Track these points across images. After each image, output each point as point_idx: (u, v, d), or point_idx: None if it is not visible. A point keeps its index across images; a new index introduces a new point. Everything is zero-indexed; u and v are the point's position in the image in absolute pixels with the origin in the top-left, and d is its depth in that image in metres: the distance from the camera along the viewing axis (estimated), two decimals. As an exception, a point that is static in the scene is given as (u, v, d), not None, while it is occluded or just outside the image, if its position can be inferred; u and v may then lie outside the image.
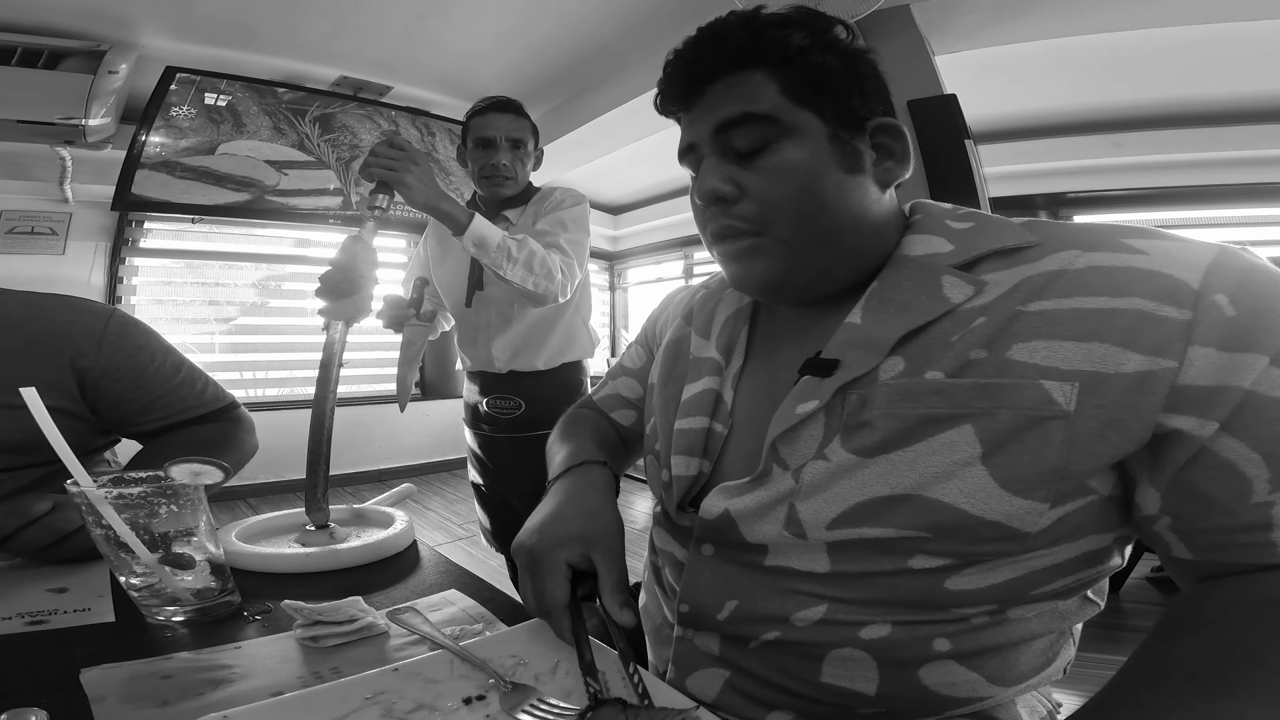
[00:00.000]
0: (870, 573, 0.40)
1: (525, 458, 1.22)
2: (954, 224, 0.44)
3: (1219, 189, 2.75)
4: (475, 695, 0.37)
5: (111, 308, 0.78)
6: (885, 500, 0.38)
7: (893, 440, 0.38)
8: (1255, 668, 0.28)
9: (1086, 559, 0.39)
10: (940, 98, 1.82)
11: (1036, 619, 0.41)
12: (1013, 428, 0.36)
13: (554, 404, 1.21)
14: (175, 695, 0.38)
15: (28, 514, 0.57)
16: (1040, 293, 0.37)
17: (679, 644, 0.48)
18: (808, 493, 0.41)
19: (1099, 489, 0.37)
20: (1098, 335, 0.35)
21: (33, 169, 2.60)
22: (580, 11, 2.25)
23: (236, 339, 3.39)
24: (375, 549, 0.66)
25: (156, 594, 0.50)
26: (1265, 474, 0.31)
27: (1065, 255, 0.38)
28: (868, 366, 0.40)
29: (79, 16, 2.12)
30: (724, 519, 0.44)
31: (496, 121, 1.21)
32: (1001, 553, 0.38)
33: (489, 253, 1.03)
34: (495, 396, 1.28)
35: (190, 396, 0.80)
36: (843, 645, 0.41)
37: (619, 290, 5.21)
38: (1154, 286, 0.35)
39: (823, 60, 0.42)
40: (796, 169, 0.42)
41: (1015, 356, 0.37)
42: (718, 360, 0.52)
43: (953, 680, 0.40)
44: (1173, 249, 0.36)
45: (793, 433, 0.42)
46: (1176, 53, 2.17)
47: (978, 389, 0.37)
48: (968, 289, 0.40)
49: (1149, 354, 0.34)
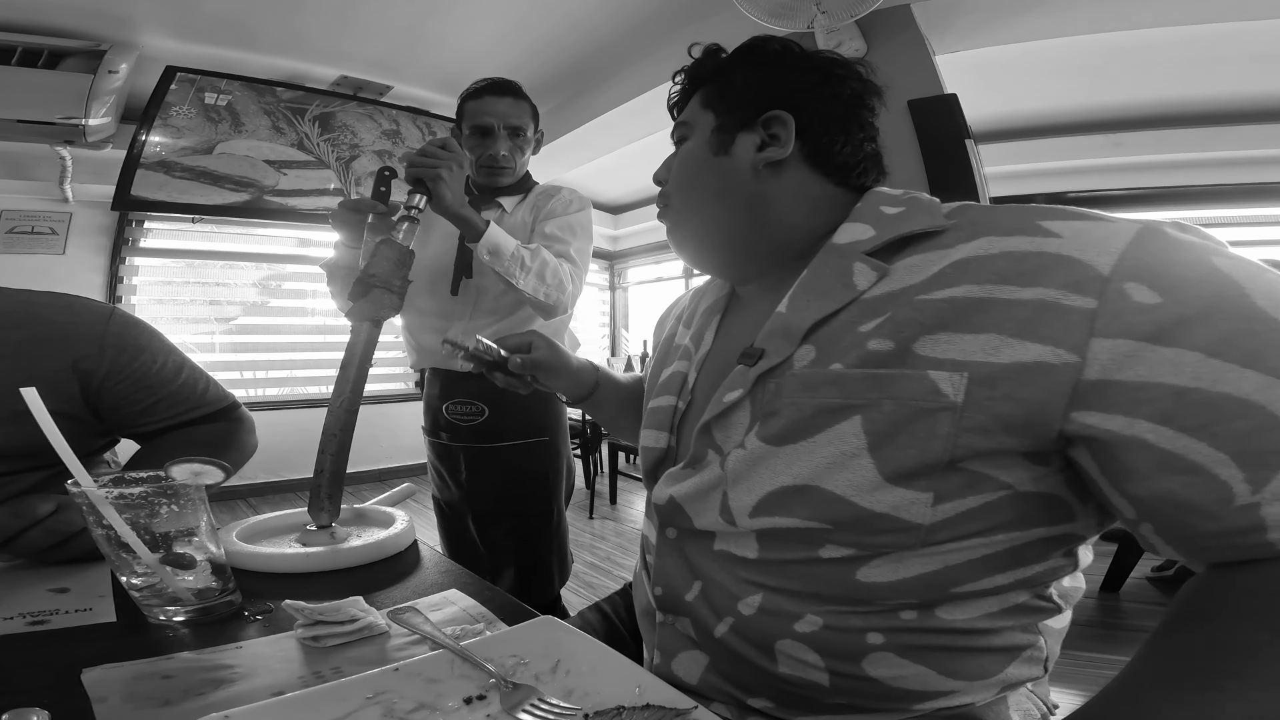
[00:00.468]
0: (790, 560, 0.41)
1: (483, 474, 1.12)
2: (887, 209, 0.45)
3: (1220, 188, 2.75)
4: (476, 695, 0.37)
5: (111, 307, 0.77)
6: (790, 490, 0.40)
7: (795, 430, 0.40)
8: (1247, 659, 0.27)
9: (1017, 555, 0.38)
10: (941, 97, 1.82)
11: (983, 619, 0.39)
12: (898, 419, 0.36)
13: (522, 412, 1.11)
14: (177, 695, 0.39)
15: (31, 516, 0.57)
16: (949, 282, 0.37)
17: (661, 629, 0.50)
18: (733, 480, 0.43)
19: (1012, 484, 0.36)
20: (996, 326, 0.34)
21: (33, 169, 2.60)
22: (581, 11, 2.25)
23: (237, 339, 3.39)
24: (376, 549, 0.66)
25: (158, 594, 0.50)
26: (1239, 474, 0.29)
27: (980, 242, 0.37)
28: (784, 355, 0.42)
29: (79, 16, 2.12)
30: (671, 505, 0.48)
31: (494, 106, 1.11)
32: (900, 545, 0.38)
33: (502, 261, 0.98)
34: (456, 401, 1.13)
35: (193, 397, 0.80)
36: (784, 638, 0.42)
37: (619, 290, 5.21)
38: (1063, 273, 0.33)
39: (732, 73, 0.52)
40: (686, 156, 0.54)
41: (918, 349, 0.36)
42: (689, 347, 0.56)
43: (900, 673, 0.40)
44: (1089, 230, 0.35)
45: (724, 419, 0.45)
46: (1177, 52, 2.17)
47: (869, 380, 0.37)
48: (873, 275, 0.41)
49: (1047, 344, 0.33)
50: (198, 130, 2.67)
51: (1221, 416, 0.29)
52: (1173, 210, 2.87)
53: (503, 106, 1.12)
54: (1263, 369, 0.29)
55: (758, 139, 0.50)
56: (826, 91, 0.49)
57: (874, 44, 1.89)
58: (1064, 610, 0.43)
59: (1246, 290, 0.31)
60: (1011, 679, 0.42)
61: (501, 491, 1.13)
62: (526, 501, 1.14)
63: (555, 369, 0.65)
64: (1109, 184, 2.87)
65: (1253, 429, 0.29)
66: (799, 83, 0.50)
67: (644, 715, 0.34)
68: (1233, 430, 0.29)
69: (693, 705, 0.35)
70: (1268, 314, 0.30)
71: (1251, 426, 0.29)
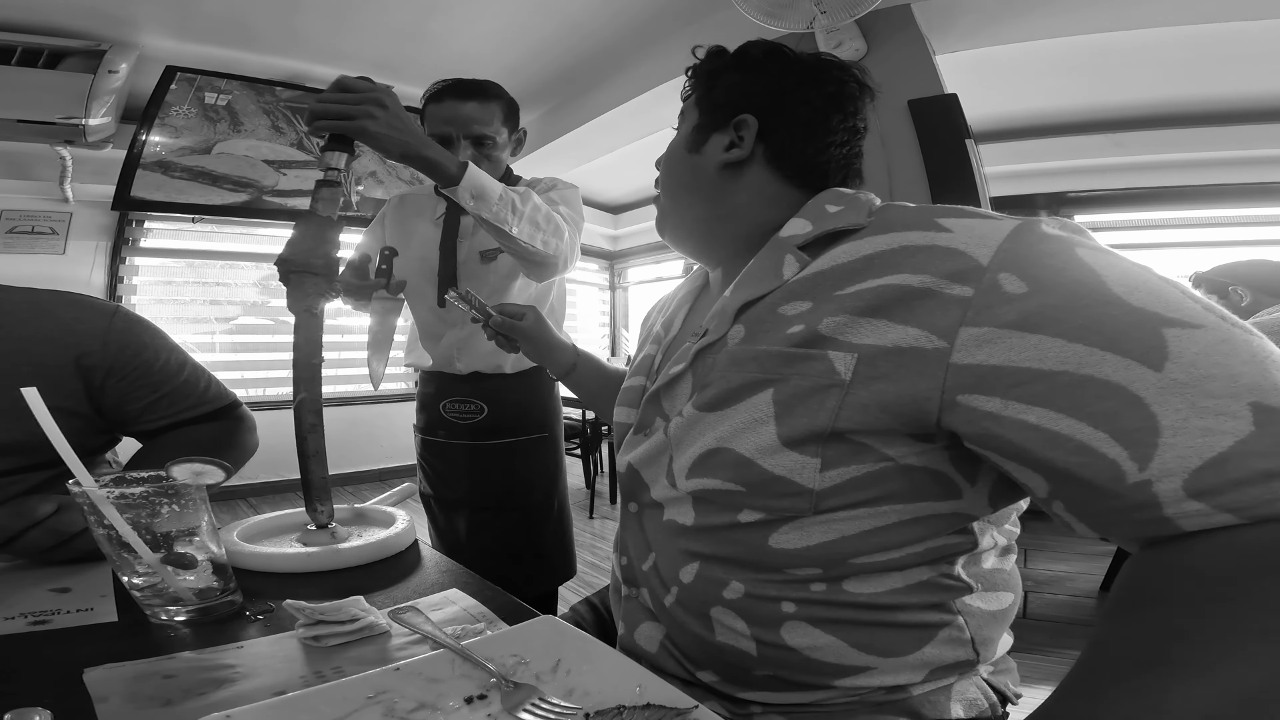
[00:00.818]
0: (717, 526, 0.45)
1: (486, 470, 1.12)
2: (830, 207, 0.49)
3: (1219, 188, 2.75)
4: (477, 694, 0.38)
5: (116, 305, 0.78)
6: (712, 452, 0.44)
7: (722, 399, 0.44)
8: (1177, 644, 0.27)
9: (905, 530, 0.41)
10: (941, 97, 1.82)
11: (887, 594, 0.42)
12: (799, 393, 0.40)
13: (519, 410, 1.11)
14: (178, 695, 0.39)
15: (32, 516, 0.57)
16: (857, 274, 0.41)
17: (626, 601, 0.53)
18: (675, 444, 0.47)
19: (895, 457, 0.39)
20: (886, 312, 0.38)
21: (33, 168, 2.60)
22: (581, 12, 2.25)
23: (237, 338, 3.39)
24: (377, 548, 0.66)
25: (159, 594, 0.50)
26: (1124, 453, 0.30)
27: (886, 238, 0.41)
28: (720, 334, 0.47)
29: (79, 16, 2.12)
30: (630, 472, 0.52)
31: (455, 112, 0.99)
32: (798, 509, 0.41)
33: (490, 205, 0.84)
34: (454, 399, 1.12)
35: (194, 395, 0.80)
36: (716, 604, 0.45)
37: (619, 290, 5.21)
38: (949, 264, 0.36)
39: (719, 77, 0.56)
40: (668, 149, 0.59)
41: (825, 331, 0.40)
42: (659, 331, 0.62)
43: (815, 644, 0.42)
44: (976, 226, 0.38)
45: (669, 389, 0.51)
46: (1177, 52, 2.17)
47: (782, 357, 0.42)
48: (796, 265, 0.45)
49: (922, 329, 0.36)
50: (197, 130, 2.67)
51: (1091, 398, 0.31)
52: (1173, 209, 2.87)
53: (466, 111, 0.99)
54: (1119, 351, 0.31)
55: (727, 140, 0.54)
56: (799, 96, 0.52)
57: (874, 44, 1.89)
58: (976, 590, 0.44)
59: (1103, 278, 0.33)
60: (934, 660, 0.43)
61: (505, 486, 1.13)
62: (531, 495, 1.14)
63: (536, 340, 0.78)
64: (1109, 184, 2.87)
65: (1121, 408, 0.30)
66: (773, 87, 0.53)
67: (645, 715, 0.34)
68: (1104, 410, 0.31)
69: (693, 705, 0.35)
70: (1121, 299, 0.32)
71: (1119, 405, 0.30)
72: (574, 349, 0.81)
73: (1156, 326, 0.31)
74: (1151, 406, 0.30)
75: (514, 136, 1.09)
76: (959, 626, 0.43)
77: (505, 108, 1.06)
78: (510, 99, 1.08)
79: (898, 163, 1.84)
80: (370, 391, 3.69)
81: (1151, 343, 0.31)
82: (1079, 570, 2.07)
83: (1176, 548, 0.30)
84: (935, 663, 0.43)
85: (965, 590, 0.44)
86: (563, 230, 0.95)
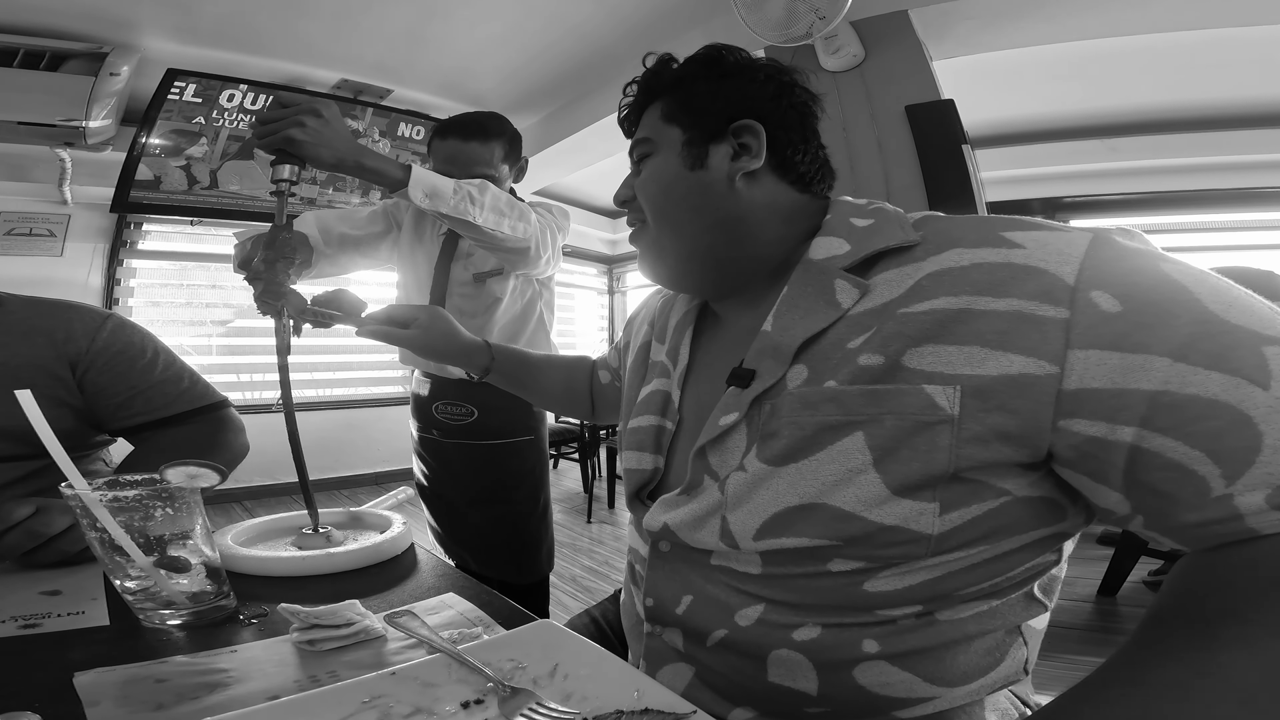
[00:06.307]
0: (796, 575, 0.41)
1: (474, 466, 1.18)
2: (857, 222, 0.46)
3: (1214, 193, 2.76)
4: (473, 699, 0.37)
5: (111, 312, 0.81)
6: (796, 510, 0.39)
7: (797, 449, 0.40)
8: (1231, 621, 0.28)
9: (1013, 558, 0.39)
10: (938, 103, 1.83)
11: (972, 619, 0.40)
12: (899, 433, 0.37)
13: (509, 414, 1.17)
14: (170, 699, 0.38)
15: (8, 519, 0.57)
16: (926, 294, 0.38)
17: (649, 639, 0.49)
18: (733, 504, 0.42)
19: (1012, 490, 0.37)
20: (978, 338, 0.35)
21: (32, 170, 2.60)
22: (579, 16, 2.26)
23: (233, 341, 3.38)
24: (372, 552, 0.66)
25: (151, 597, 0.49)
26: (1216, 470, 0.30)
27: (950, 255, 0.38)
28: (776, 376, 0.42)
29: (81, 19, 2.12)
30: (665, 531, 0.47)
31: (457, 152, 1.06)
32: (910, 556, 0.38)
33: (446, 200, 0.86)
34: (446, 401, 1.18)
35: (171, 394, 0.80)
36: (780, 647, 0.42)
37: (618, 294, 5.22)
38: (1031, 284, 0.35)
39: (692, 84, 0.51)
40: (655, 172, 0.52)
41: (908, 362, 0.37)
42: (666, 364, 0.56)
43: (887, 681, 0.40)
44: (1048, 240, 0.36)
45: (719, 443, 0.45)
46: (1172, 58, 2.18)
47: (867, 395, 0.38)
48: (855, 293, 0.41)
49: (1028, 355, 0.34)
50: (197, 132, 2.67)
51: (1193, 417, 0.31)
52: (1168, 214, 2.89)
53: (467, 152, 1.06)
54: (1225, 369, 0.31)
55: (730, 149, 0.49)
56: (785, 101, 0.50)
57: (872, 50, 1.90)
58: (1048, 608, 0.44)
59: (1196, 295, 0.33)
60: (993, 683, 0.42)
61: (493, 483, 1.19)
62: (519, 491, 1.21)
63: (432, 347, 0.73)
64: (1105, 189, 2.89)
65: (1225, 427, 0.30)
66: (759, 92, 0.50)
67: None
68: (1205, 429, 0.31)
69: (691, 710, 0.35)
70: (1219, 316, 0.32)
71: (1223, 425, 0.30)
72: (487, 346, 0.75)
73: (1257, 345, 0.31)
74: (1260, 425, 0.30)
75: (516, 167, 1.15)
76: (1021, 645, 0.42)
77: (507, 143, 1.10)
78: (513, 132, 1.13)
79: (894, 168, 1.85)
80: (366, 395, 3.69)
81: (1255, 361, 0.30)
82: (1076, 575, 2.07)
83: (1240, 545, 0.31)
84: (991, 685, 0.41)
85: (1042, 609, 0.42)
86: (529, 214, 0.97)
